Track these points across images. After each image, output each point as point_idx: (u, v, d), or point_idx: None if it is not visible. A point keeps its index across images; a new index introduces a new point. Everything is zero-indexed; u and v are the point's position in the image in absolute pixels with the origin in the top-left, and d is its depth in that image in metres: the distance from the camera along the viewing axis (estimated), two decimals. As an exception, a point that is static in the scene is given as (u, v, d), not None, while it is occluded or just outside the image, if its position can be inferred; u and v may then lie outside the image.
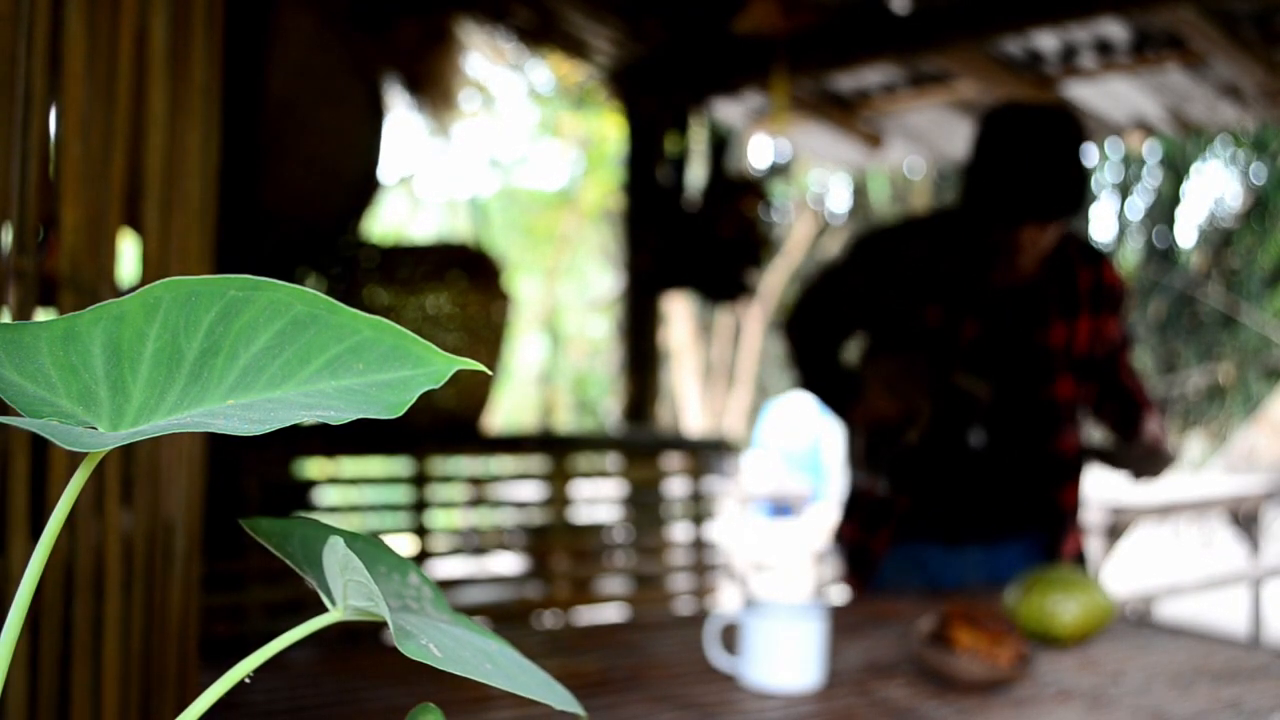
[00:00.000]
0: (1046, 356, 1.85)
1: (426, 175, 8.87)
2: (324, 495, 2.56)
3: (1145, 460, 1.83)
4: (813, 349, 1.94)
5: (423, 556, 2.15)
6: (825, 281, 1.95)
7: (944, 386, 1.81)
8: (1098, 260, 1.92)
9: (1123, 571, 5.03)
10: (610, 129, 6.26)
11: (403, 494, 2.19)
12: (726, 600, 2.95)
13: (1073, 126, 1.74)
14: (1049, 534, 1.89)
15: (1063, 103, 2.58)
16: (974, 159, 1.79)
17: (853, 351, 2.01)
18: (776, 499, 5.24)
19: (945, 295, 1.84)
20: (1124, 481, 1.87)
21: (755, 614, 1.17)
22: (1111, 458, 1.87)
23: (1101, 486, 4.26)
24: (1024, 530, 1.89)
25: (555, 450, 2.42)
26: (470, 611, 2.17)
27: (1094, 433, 2.06)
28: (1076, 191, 1.72)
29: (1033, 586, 1.35)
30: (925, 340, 1.84)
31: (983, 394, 1.80)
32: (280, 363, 0.38)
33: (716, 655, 1.20)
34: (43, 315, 0.82)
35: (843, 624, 1.42)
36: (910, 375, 1.83)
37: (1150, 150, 8.42)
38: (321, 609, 0.42)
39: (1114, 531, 3.72)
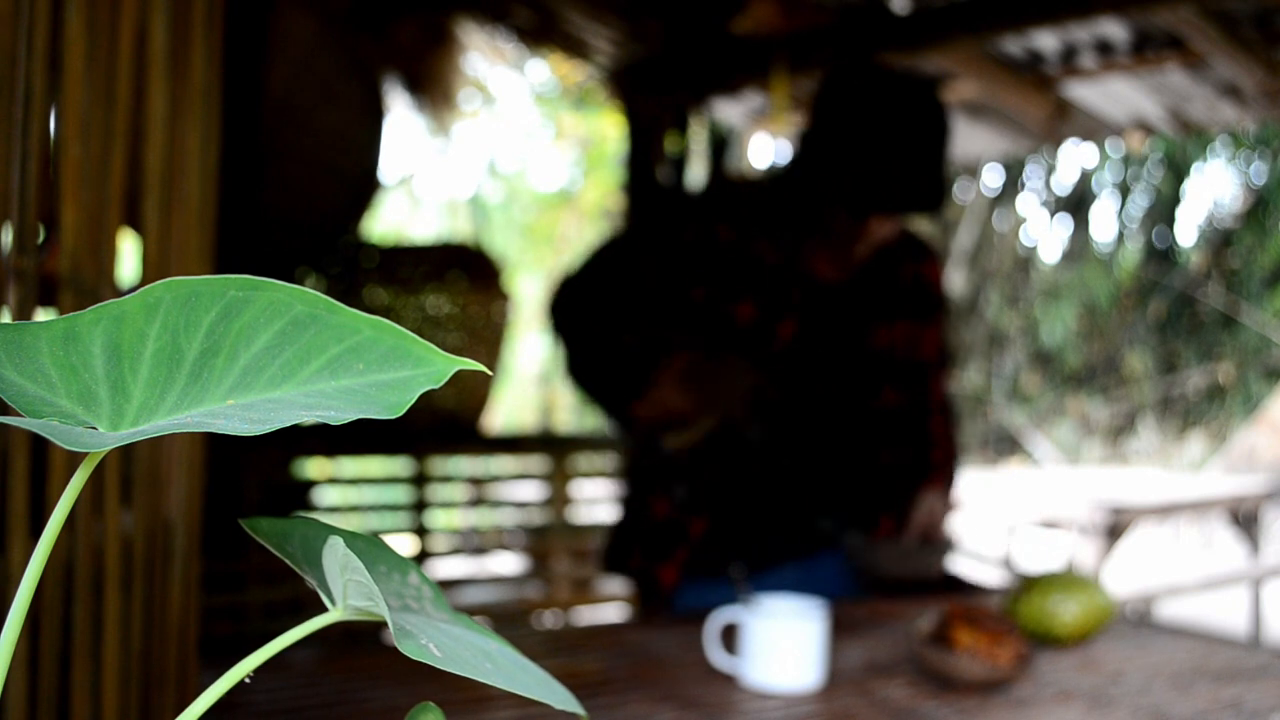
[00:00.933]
0: (872, 362, 1.63)
1: (426, 175, 8.87)
2: (324, 495, 2.56)
3: (901, 556, 1.54)
4: (589, 331, 1.60)
5: (423, 556, 2.15)
6: (609, 256, 1.63)
7: (751, 388, 1.54)
8: (923, 258, 1.71)
9: (1123, 571, 5.02)
10: (610, 129, 6.25)
11: (403, 494, 2.19)
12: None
13: (940, 103, 1.50)
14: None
15: (928, 75, 2.27)
16: (821, 129, 1.49)
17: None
18: None
19: (759, 289, 1.55)
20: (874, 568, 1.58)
21: (755, 613, 1.17)
22: (852, 546, 1.55)
23: (1100, 486, 4.27)
24: (840, 543, 1.66)
25: (555, 450, 2.42)
26: (470, 611, 2.17)
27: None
28: (940, 182, 1.49)
29: (1032, 586, 1.35)
30: (734, 340, 1.55)
31: (771, 390, 1.52)
32: (280, 363, 0.38)
33: (716, 655, 1.20)
34: (43, 315, 0.82)
35: (843, 624, 1.42)
36: (714, 372, 1.55)
37: (1150, 150, 8.42)
38: (321, 609, 0.42)
39: (1114, 531, 3.72)
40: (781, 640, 1.14)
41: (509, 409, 8.06)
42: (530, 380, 8.28)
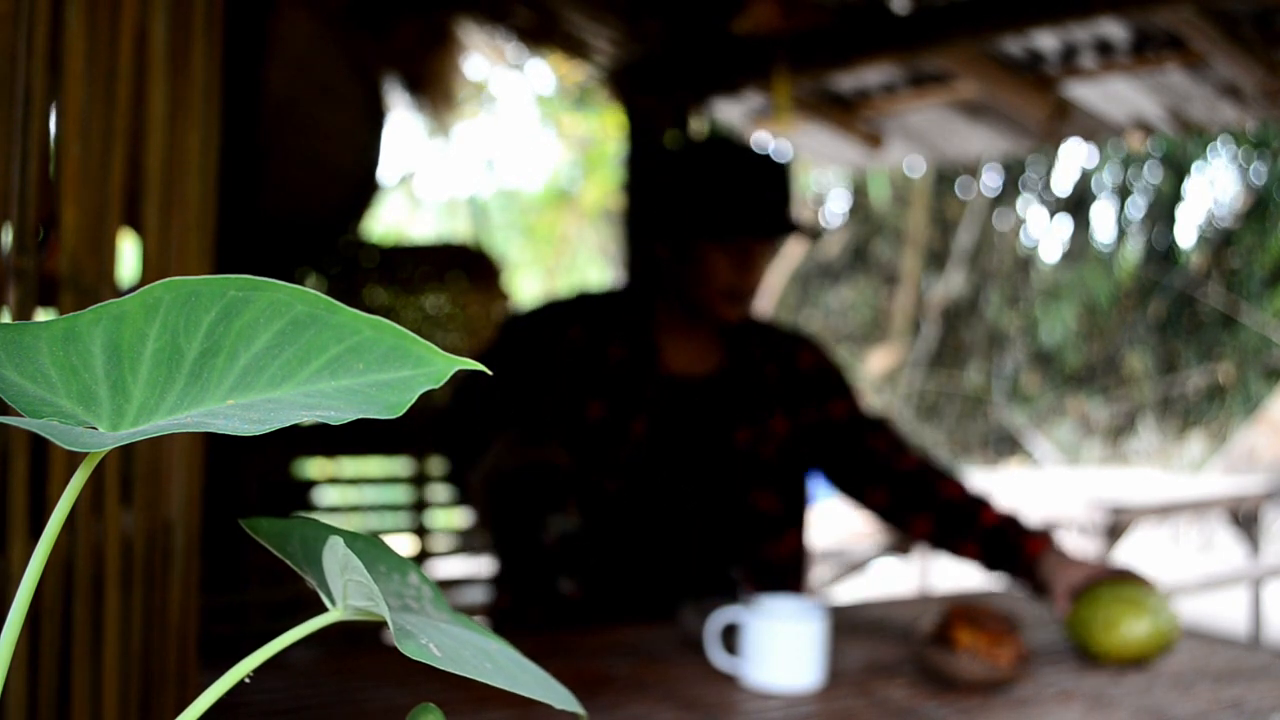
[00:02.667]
0: (734, 460, 1.60)
1: (426, 175, 8.87)
2: (324, 495, 2.56)
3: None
4: (466, 447, 1.59)
5: (423, 556, 2.15)
6: (471, 374, 1.56)
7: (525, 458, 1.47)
8: (791, 349, 1.69)
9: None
10: (610, 129, 6.26)
11: (403, 494, 2.19)
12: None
13: (761, 154, 1.55)
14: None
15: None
16: (650, 194, 1.56)
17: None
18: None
19: (608, 389, 1.58)
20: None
21: (756, 613, 1.17)
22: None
23: (1100, 486, 4.27)
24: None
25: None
26: (470, 611, 2.17)
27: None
28: (775, 202, 1.51)
29: (1098, 599, 1.28)
30: (588, 438, 1.56)
31: (563, 463, 1.46)
32: (280, 363, 0.38)
33: (717, 655, 1.20)
34: (43, 315, 0.82)
35: (843, 624, 1.42)
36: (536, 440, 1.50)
37: (1150, 150, 8.42)
38: (321, 609, 0.42)
39: (1114, 531, 3.72)
40: (782, 640, 1.14)
41: (509, 409, 8.04)
42: (530, 380, 8.26)
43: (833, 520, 4.29)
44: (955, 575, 4.89)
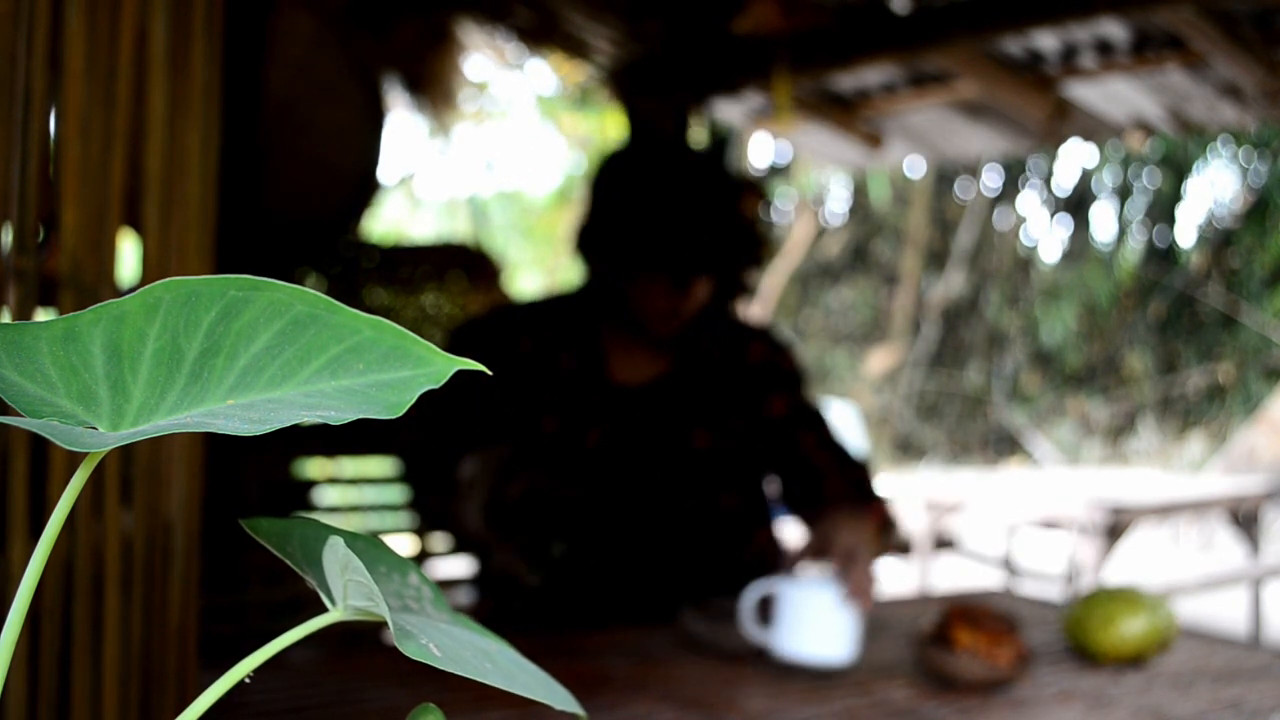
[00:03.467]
0: (695, 463, 1.57)
1: (426, 175, 8.87)
2: (324, 495, 2.56)
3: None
4: (428, 466, 1.57)
5: (423, 556, 2.15)
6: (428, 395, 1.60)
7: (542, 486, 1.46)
8: (742, 343, 1.66)
9: (1123, 571, 5.02)
10: (610, 129, 6.26)
11: (403, 494, 2.19)
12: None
13: (704, 167, 1.51)
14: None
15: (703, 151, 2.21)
16: (587, 214, 1.53)
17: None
18: (775, 499, 5.23)
19: (560, 400, 1.56)
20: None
21: (792, 584, 1.18)
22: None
23: (1100, 486, 4.27)
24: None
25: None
26: (470, 612, 2.17)
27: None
28: (710, 239, 1.46)
29: (1094, 602, 1.29)
30: (544, 450, 1.54)
31: (569, 492, 1.47)
32: (280, 363, 0.38)
33: (750, 628, 1.21)
34: (43, 315, 0.82)
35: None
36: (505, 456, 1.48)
37: (1150, 150, 8.42)
38: (321, 609, 0.42)
39: (1114, 531, 3.72)
40: (817, 609, 1.15)
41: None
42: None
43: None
44: (955, 575, 4.89)
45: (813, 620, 1.15)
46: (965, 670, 1.13)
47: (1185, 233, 8.71)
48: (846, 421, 5.33)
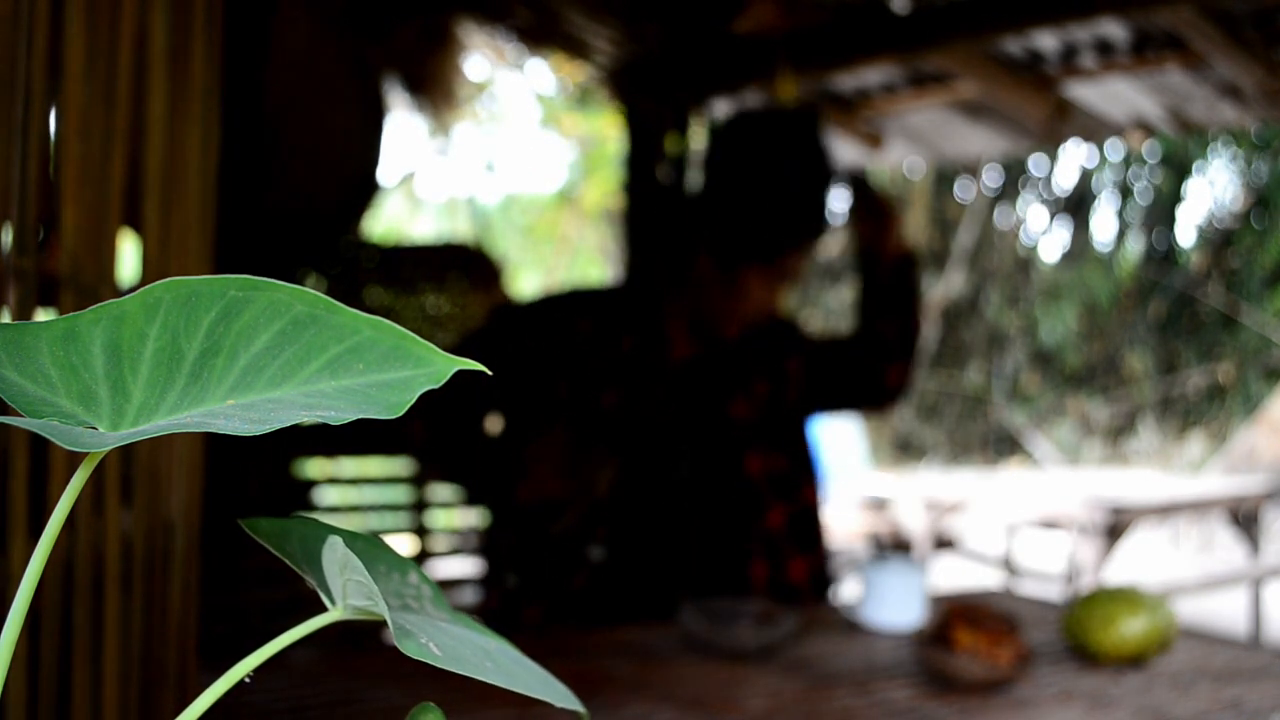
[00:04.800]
0: (731, 430, 1.66)
1: (426, 175, 8.87)
2: (324, 495, 2.56)
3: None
4: (453, 427, 1.65)
5: (423, 556, 2.15)
6: (467, 349, 1.62)
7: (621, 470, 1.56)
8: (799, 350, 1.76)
9: (1123, 571, 5.02)
10: (610, 129, 6.26)
11: (403, 494, 2.19)
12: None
13: (808, 137, 1.56)
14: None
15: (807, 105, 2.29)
16: (707, 180, 1.60)
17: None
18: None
19: (620, 379, 1.63)
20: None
21: (873, 567, 1.42)
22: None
23: (1100, 486, 4.27)
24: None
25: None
26: (470, 611, 2.17)
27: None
28: (810, 214, 1.55)
29: (1093, 602, 1.29)
30: (601, 425, 1.62)
31: (603, 482, 1.54)
32: (280, 363, 0.38)
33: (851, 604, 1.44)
34: (43, 315, 0.82)
35: (842, 624, 1.42)
36: (586, 457, 1.60)
37: (1150, 150, 8.42)
38: (321, 609, 0.42)
39: (1114, 531, 3.72)
40: (893, 585, 1.39)
41: (509, 409, 8.04)
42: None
43: (832, 521, 4.29)
44: (955, 575, 4.89)
45: (891, 594, 1.39)
46: (965, 670, 1.13)
47: (1185, 233, 8.71)
48: (846, 422, 5.33)
